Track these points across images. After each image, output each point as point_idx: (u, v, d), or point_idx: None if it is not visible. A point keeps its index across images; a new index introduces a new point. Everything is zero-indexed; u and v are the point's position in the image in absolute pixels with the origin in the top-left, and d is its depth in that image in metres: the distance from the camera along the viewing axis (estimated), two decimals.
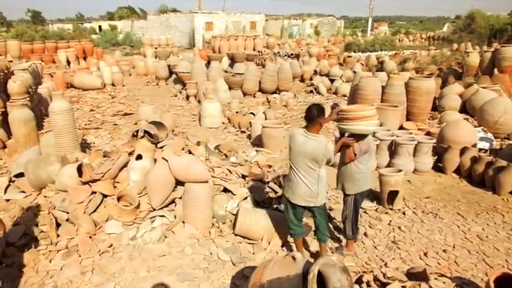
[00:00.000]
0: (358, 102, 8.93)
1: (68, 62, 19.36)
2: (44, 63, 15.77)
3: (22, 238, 4.15)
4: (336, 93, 13.70)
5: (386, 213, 5.25)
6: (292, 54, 19.43)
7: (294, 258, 2.72)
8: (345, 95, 12.62)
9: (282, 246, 4.29)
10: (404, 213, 5.23)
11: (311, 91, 14.07)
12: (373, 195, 5.73)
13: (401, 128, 8.22)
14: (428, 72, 14.04)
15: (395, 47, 28.80)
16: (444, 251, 4.25)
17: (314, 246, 4.34)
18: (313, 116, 3.61)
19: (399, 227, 4.83)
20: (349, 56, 19.57)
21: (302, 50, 20.75)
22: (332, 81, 14.51)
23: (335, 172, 4.50)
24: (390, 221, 5.02)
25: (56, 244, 4.15)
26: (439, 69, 14.81)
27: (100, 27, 46.62)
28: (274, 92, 13.34)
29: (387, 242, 4.51)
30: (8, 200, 4.98)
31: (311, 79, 15.40)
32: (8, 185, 5.27)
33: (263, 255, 4.12)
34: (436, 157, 6.84)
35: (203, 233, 4.38)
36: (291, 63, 15.05)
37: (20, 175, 5.33)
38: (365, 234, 4.67)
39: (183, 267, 3.86)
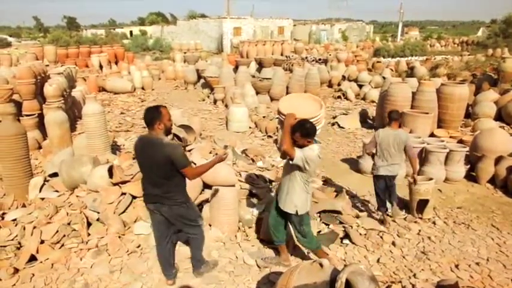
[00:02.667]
0: (388, 108, 8.77)
1: (101, 66, 19.95)
2: (77, 68, 16.31)
3: (55, 236, 4.29)
4: (364, 99, 13.51)
5: (415, 222, 5.12)
6: (320, 59, 19.32)
7: (321, 265, 2.69)
8: (373, 101, 12.42)
9: (309, 252, 4.25)
10: (434, 223, 5.08)
11: (339, 96, 13.93)
12: (402, 204, 5.60)
13: (432, 135, 8.01)
14: (461, 78, 13.62)
15: (426, 53, 28.15)
16: (477, 264, 4.10)
17: (341, 253, 4.29)
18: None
19: (429, 237, 4.69)
20: (378, 62, 19.26)
21: (330, 55, 20.62)
22: (360, 86, 14.32)
23: (365, 180, 4.42)
24: (419, 230, 4.89)
25: (87, 243, 4.27)
26: (473, 76, 14.34)
27: (131, 32, 47.93)
28: None
29: (416, 252, 4.38)
30: (42, 199, 5.16)
31: (339, 84, 15.25)
32: (43, 184, 5.47)
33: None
34: (468, 166, 6.62)
35: (229, 236, 4.40)
36: (318, 68, 14.96)
37: (54, 175, 5.52)
38: (393, 243, 4.56)
39: None
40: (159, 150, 3.16)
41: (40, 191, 5.33)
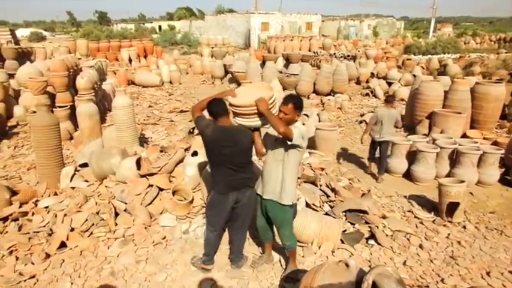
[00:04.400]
0: (418, 108, 8.56)
1: (130, 60, 20.33)
2: (108, 61, 16.68)
3: (84, 224, 4.41)
4: (393, 96, 13.20)
5: (444, 225, 4.97)
6: (348, 56, 19.01)
7: (347, 265, 2.65)
8: (403, 99, 12.12)
9: (333, 252, 4.20)
10: (464, 227, 4.92)
11: (367, 94, 13.68)
12: (431, 206, 5.46)
13: (464, 136, 7.75)
14: (498, 77, 13.09)
15: (460, 50, 27.21)
16: (510, 272, 3.94)
17: (366, 254, 4.21)
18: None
19: (459, 242, 4.54)
20: (408, 59, 18.79)
21: (359, 51, 20.25)
22: (389, 84, 14.02)
23: (392, 180, 4.32)
24: (449, 234, 4.74)
25: (114, 232, 4.36)
26: (510, 75, 13.77)
27: (160, 27, 48.63)
28: (329, 94, 13.12)
29: (445, 257, 4.25)
30: (73, 188, 5.32)
31: (367, 82, 14.97)
32: (74, 174, 5.63)
33: (312, 259, 4.05)
34: (503, 169, 6.36)
35: (253, 231, 4.38)
36: (347, 64, 14.72)
37: (85, 165, 5.67)
38: (420, 246, 4.44)
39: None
40: (245, 135, 3.35)
41: (71, 180, 5.49)
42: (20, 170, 6.75)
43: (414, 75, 13.04)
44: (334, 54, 20.39)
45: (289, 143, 3.18)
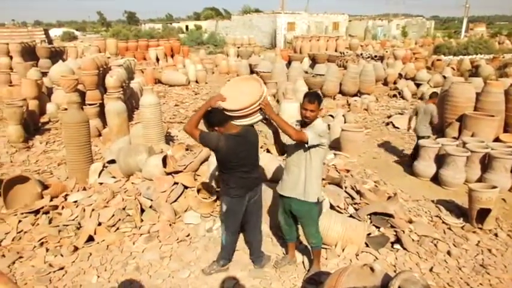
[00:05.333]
0: (448, 110, 8.32)
1: (157, 59, 20.67)
2: (136, 60, 17.02)
3: (111, 219, 4.52)
4: (421, 98, 12.86)
5: (474, 232, 4.80)
6: (376, 56, 18.69)
7: (372, 269, 2.60)
8: None
9: (357, 255, 4.13)
10: (496, 234, 4.73)
11: (394, 95, 13.41)
12: (460, 212, 5.30)
13: (497, 140, 7.47)
14: None
15: (493, 50, 26.24)
16: None
17: (391, 258, 4.12)
18: None
19: (489, 250, 4.38)
20: (438, 59, 18.28)
21: (387, 52, 19.89)
22: (418, 85, 13.68)
23: (419, 184, 4.21)
24: (479, 241, 4.57)
25: (140, 228, 4.45)
26: None
27: (187, 26, 49.25)
28: (355, 95, 12.94)
29: (474, 265, 4.11)
30: (101, 183, 5.45)
31: (395, 83, 14.67)
32: (102, 170, 5.77)
33: (336, 261, 4.01)
34: None
35: (277, 232, 4.38)
36: (374, 65, 14.47)
37: (112, 162, 5.80)
38: (448, 252, 4.31)
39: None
40: (253, 134, 3.42)
41: (99, 176, 5.64)
42: (51, 165, 6.98)
43: (444, 77, 12.69)
44: (361, 54, 20.09)
45: (306, 145, 3.18)
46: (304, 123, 3.32)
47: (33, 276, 3.78)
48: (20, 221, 4.72)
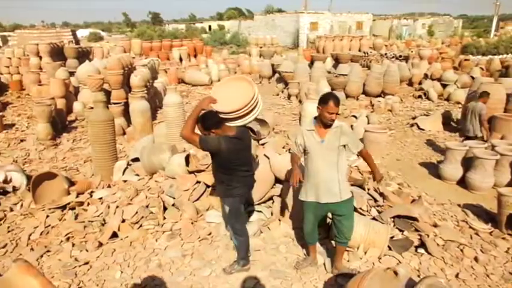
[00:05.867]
0: None
1: (181, 59, 20.90)
2: (160, 60, 17.25)
3: (134, 216, 4.60)
4: (448, 99, 12.57)
5: (503, 238, 4.63)
6: (400, 56, 18.33)
7: (396, 273, 2.55)
8: (458, 102, 11.52)
9: (379, 258, 4.06)
10: None
11: (419, 96, 13.13)
12: (488, 217, 5.13)
13: None
14: None
15: None
16: None
17: (415, 262, 4.04)
18: None
19: None
20: (466, 59, 17.78)
21: (412, 51, 19.50)
22: (444, 86, 13.34)
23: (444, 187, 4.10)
24: (508, 248, 4.41)
25: (162, 226, 4.51)
26: None
27: (210, 27, 49.62)
28: (379, 95, 12.73)
29: (503, 272, 3.96)
30: (125, 181, 5.56)
31: (420, 83, 14.35)
32: (126, 168, 5.88)
33: (358, 264, 3.95)
34: None
35: (298, 233, 4.36)
36: (398, 65, 14.21)
37: (136, 160, 5.90)
38: (475, 258, 4.17)
39: (276, 265, 3.89)
40: (248, 134, 3.57)
41: (123, 173, 5.75)
42: (77, 162, 7.17)
43: (472, 77, 12.33)
44: (386, 54, 19.74)
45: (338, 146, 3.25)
46: (328, 125, 3.30)
47: (60, 270, 3.89)
48: (47, 216, 4.87)
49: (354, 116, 9.59)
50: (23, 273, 1.37)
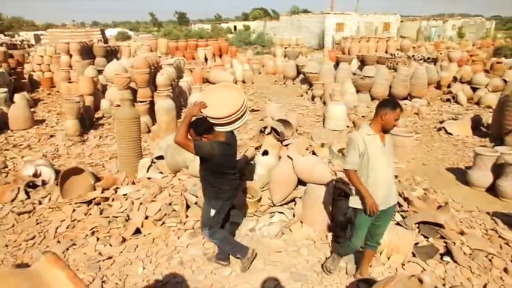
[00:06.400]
0: (508, 116, 7.80)
1: (206, 59, 21.06)
2: (185, 59, 17.43)
3: (157, 213, 4.66)
4: (478, 103, 12.18)
5: None
6: (429, 58, 17.90)
7: (421, 281, 2.49)
8: (489, 107, 11.13)
9: (403, 265, 3.98)
10: None
11: (448, 99, 12.77)
12: None
13: None
14: None
15: None
16: None
17: (440, 271, 3.92)
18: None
19: None
20: (498, 62, 17.17)
21: (441, 54, 18.98)
22: (474, 89, 12.94)
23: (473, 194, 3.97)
24: None
25: (185, 224, 4.55)
26: None
27: (235, 27, 49.85)
28: (405, 98, 12.46)
29: None
30: (149, 178, 5.64)
31: (449, 86, 13.97)
32: (150, 165, 5.97)
33: (381, 270, 3.88)
34: None
35: (320, 236, 4.32)
36: (426, 67, 13.87)
37: (160, 157, 5.98)
38: (505, 269, 4.02)
39: (297, 267, 3.87)
40: (235, 138, 3.63)
41: (147, 171, 5.83)
42: (103, 158, 7.32)
43: (505, 80, 11.90)
44: (413, 56, 19.32)
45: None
46: (388, 131, 3.27)
47: (85, 263, 3.98)
48: (74, 210, 4.99)
49: None
50: (51, 265, 1.40)
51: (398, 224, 4.48)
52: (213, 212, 3.56)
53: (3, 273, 1.48)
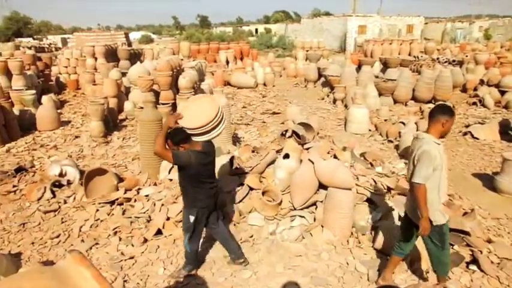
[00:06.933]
0: None
1: (227, 62, 21.18)
2: (207, 62, 17.56)
3: (179, 214, 4.69)
4: (506, 107, 11.79)
5: None
6: (454, 61, 17.50)
7: None
8: None
9: (427, 272, 3.88)
10: None
11: (474, 103, 12.41)
12: None
13: None
14: None
15: None
16: None
17: (465, 279, 3.81)
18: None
19: None
20: None
21: (467, 56, 18.51)
22: (503, 93, 12.52)
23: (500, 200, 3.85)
24: None
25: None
26: None
27: (256, 30, 49.98)
28: (429, 102, 12.19)
29: None
30: (170, 180, 5.69)
31: (475, 89, 13.58)
32: (172, 167, 6.02)
33: (404, 277, 3.80)
34: None
35: (341, 240, 4.27)
36: (452, 70, 13.54)
37: None
38: None
39: (317, 272, 3.83)
40: (213, 147, 3.73)
41: (169, 172, 5.89)
42: (126, 159, 7.44)
43: None
44: (438, 59, 18.93)
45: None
46: (444, 137, 3.22)
47: (107, 263, 4.05)
48: (97, 210, 5.09)
49: (402, 123, 9.25)
50: (77, 264, 1.42)
51: None
52: (191, 218, 3.61)
53: (33, 271, 1.51)
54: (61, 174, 6.02)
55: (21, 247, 4.57)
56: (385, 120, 9.95)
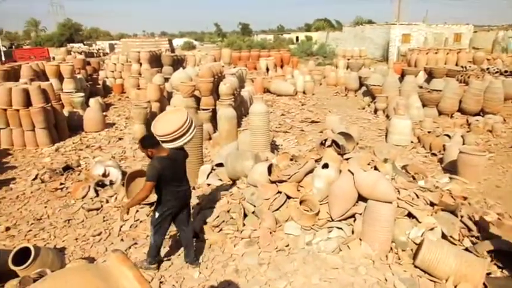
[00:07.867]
0: None
1: (267, 69, 21.26)
2: (247, 69, 17.71)
3: (215, 220, 4.73)
4: None
5: None
6: (506, 72, 16.60)
7: None
8: None
9: None
10: None
11: None
12: None
13: None
14: None
15: None
16: None
17: None
18: None
19: None
20: None
21: None
22: None
23: None
24: None
25: (241, 232, 4.57)
26: None
27: (297, 37, 49.93)
28: (477, 114, 11.63)
29: None
30: (208, 184, 5.76)
31: None
32: (210, 172, 6.10)
33: None
34: None
35: (379, 255, 4.12)
36: (503, 81, 12.84)
37: (220, 165, 6.10)
38: None
39: (354, 286, 3.71)
40: (183, 154, 4.11)
41: (207, 177, 5.97)
42: None
43: None
44: (488, 69, 18.02)
45: None
46: None
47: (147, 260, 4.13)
48: (137, 211, 5.24)
49: (447, 135, 8.88)
50: (120, 263, 1.45)
51: (467, 250, 4.16)
52: (157, 214, 3.95)
53: (79, 267, 1.56)
54: (104, 175, 6.25)
55: (66, 242, 4.79)
56: (429, 132, 9.59)
